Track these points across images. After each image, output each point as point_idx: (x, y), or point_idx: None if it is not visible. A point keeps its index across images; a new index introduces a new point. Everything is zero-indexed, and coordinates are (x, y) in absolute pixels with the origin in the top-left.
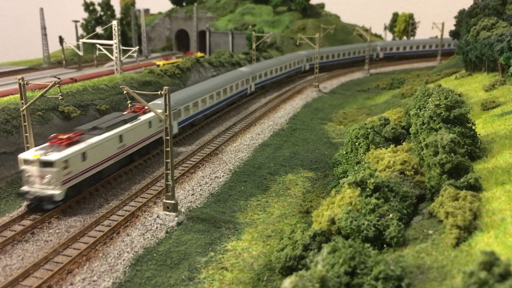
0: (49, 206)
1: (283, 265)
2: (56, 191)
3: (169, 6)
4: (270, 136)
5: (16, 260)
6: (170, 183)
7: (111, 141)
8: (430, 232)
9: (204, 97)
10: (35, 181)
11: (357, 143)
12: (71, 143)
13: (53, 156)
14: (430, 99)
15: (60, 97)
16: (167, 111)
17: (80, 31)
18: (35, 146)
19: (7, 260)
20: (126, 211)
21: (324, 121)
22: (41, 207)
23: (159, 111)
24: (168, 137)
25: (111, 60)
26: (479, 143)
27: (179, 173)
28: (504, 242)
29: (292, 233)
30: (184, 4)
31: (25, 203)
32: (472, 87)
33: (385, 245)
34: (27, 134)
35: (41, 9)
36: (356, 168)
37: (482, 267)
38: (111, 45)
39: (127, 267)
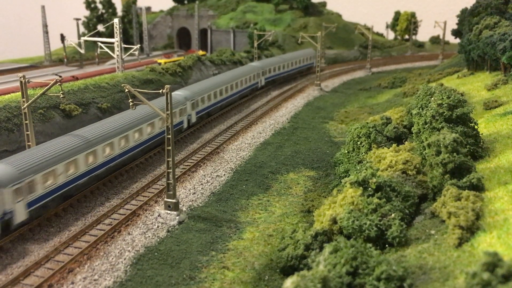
0: None
1: (284, 264)
2: None
3: (170, 4)
4: (272, 135)
5: (17, 259)
6: (172, 181)
7: None
8: (432, 232)
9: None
10: None
11: (359, 142)
12: None
13: None
14: (432, 98)
15: (62, 96)
16: (169, 110)
17: (82, 29)
18: (36, 144)
19: (8, 259)
20: (127, 209)
21: (325, 120)
22: None
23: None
24: (170, 136)
25: (113, 58)
26: (481, 143)
27: (181, 171)
28: (507, 243)
29: (294, 232)
30: (185, 2)
31: None
32: (474, 86)
33: (387, 245)
34: (28, 133)
35: (43, 7)
36: (358, 168)
37: (485, 268)
38: (113, 43)
39: (128, 266)
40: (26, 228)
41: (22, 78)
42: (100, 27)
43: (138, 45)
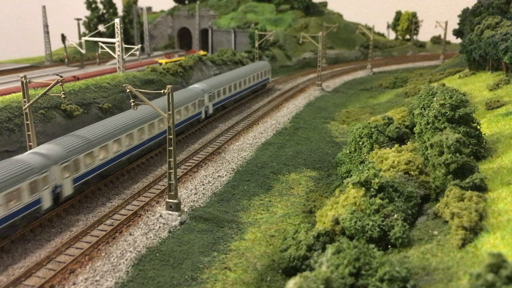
0: None
1: (286, 265)
2: None
3: (171, 4)
4: (273, 135)
5: (18, 259)
6: (173, 182)
7: None
8: (435, 232)
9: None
10: None
11: (360, 143)
12: None
13: None
14: (434, 98)
15: (63, 96)
16: (170, 110)
17: (83, 29)
18: (38, 144)
19: (9, 260)
20: (128, 210)
21: (327, 120)
22: None
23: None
24: (172, 136)
25: (114, 58)
26: (484, 143)
27: (182, 172)
28: (511, 244)
29: (296, 233)
30: (186, 2)
31: None
32: (476, 86)
33: (389, 246)
34: (29, 133)
35: (44, 7)
36: (360, 168)
37: (489, 269)
38: (114, 43)
39: (130, 267)
40: (27, 228)
41: (23, 78)
42: (101, 27)
43: (139, 45)
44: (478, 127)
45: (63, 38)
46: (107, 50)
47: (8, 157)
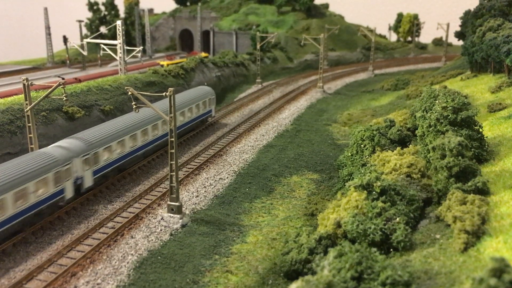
0: None
1: (288, 269)
2: None
3: (173, 5)
4: (275, 137)
5: (20, 262)
6: (175, 185)
7: None
8: (438, 236)
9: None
10: None
11: (362, 145)
12: None
13: None
14: (437, 101)
15: (64, 99)
16: (172, 113)
17: (84, 31)
18: (39, 147)
19: (10, 263)
20: (130, 213)
21: (328, 122)
22: None
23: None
24: (173, 139)
25: (115, 60)
26: (486, 146)
27: (183, 174)
28: None
29: (298, 236)
30: (188, 4)
31: None
32: (478, 89)
33: (391, 250)
34: (31, 135)
35: (45, 9)
36: (362, 171)
37: (492, 274)
38: (115, 45)
39: (131, 270)
40: (29, 231)
41: (25, 81)
42: (103, 29)
43: (141, 47)
44: (480, 130)
45: (65, 39)
46: (109, 52)
47: (10, 159)
